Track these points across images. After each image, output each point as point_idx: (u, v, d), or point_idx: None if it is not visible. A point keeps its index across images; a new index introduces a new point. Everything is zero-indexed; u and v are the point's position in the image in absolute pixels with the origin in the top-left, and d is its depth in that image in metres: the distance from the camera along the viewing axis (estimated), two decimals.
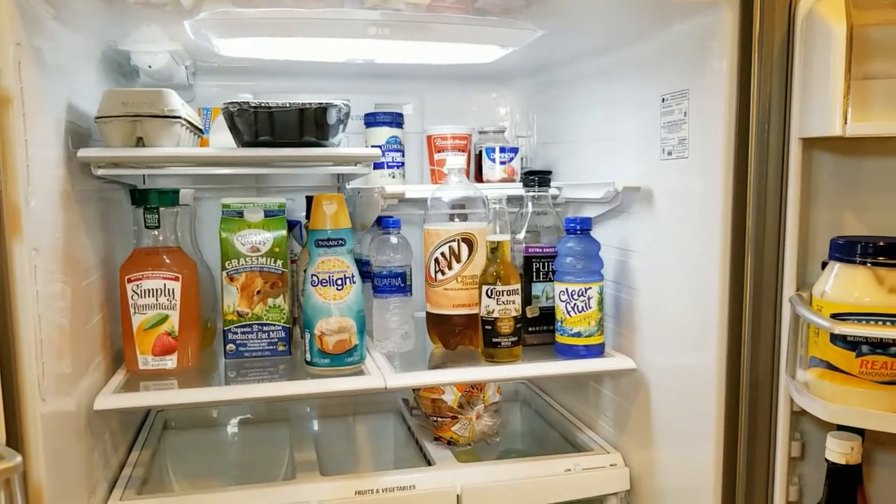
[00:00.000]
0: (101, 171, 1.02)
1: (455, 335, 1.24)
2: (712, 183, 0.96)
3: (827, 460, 0.84)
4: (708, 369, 0.99)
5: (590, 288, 1.16)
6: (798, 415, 0.93)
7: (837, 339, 0.80)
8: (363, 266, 1.36)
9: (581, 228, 1.17)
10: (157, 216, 1.11)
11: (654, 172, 1.11)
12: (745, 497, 0.97)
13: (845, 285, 0.81)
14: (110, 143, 0.99)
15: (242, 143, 1.05)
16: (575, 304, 1.17)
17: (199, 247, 1.32)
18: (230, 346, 1.19)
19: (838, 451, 0.82)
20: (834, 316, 0.80)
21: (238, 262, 1.18)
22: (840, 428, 0.86)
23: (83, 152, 0.97)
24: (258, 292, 1.19)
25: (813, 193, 0.91)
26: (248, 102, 1.02)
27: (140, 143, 1.00)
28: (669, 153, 1.06)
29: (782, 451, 0.92)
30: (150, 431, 1.34)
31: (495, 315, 1.15)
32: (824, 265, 0.87)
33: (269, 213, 1.20)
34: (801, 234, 0.90)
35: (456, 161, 1.23)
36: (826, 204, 0.91)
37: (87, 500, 1.00)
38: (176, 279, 1.11)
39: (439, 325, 1.24)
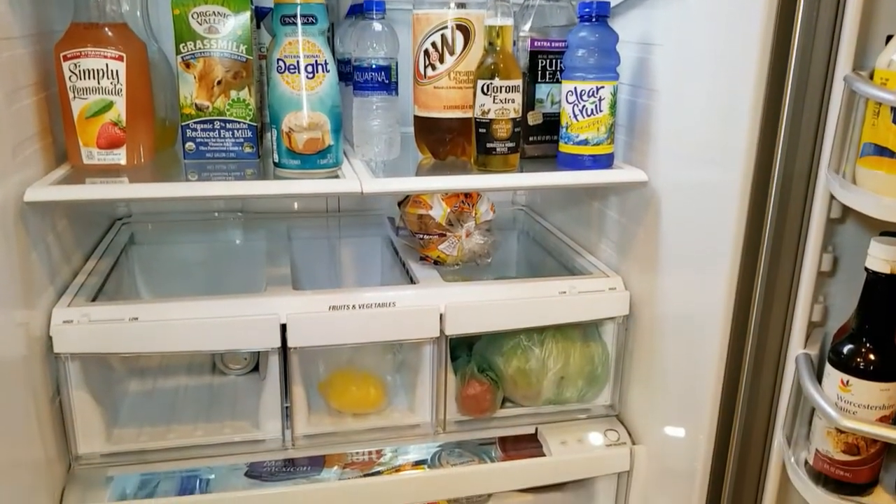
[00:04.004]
0: None
1: (446, 143, 1.09)
2: None
3: (867, 269, 0.72)
4: (731, 181, 0.84)
5: (602, 87, 1.00)
6: (834, 223, 0.80)
7: None
8: (345, 67, 1.20)
9: (597, 14, 0.99)
10: None
11: None
12: (760, 318, 0.87)
13: None
14: None
15: None
16: (584, 105, 1.01)
17: (158, 35, 1.14)
18: (189, 145, 1.05)
19: (882, 257, 0.70)
20: None
21: (194, 46, 1.01)
22: (885, 235, 0.74)
23: None
24: (219, 83, 1.03)
25: None
26: None
27: None
28: None
29: (811, 263, 0.80)
30: (112, 243, 1.24)
31: (491, 116, 1.00)
32: (889, 39, 0.71)
33: None
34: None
35: None
36: None
37: (26, 305, 0.90)
38: (120, 59, 0.95)
39: (428, 132, 1.10)
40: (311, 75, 0.96)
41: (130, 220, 1.35)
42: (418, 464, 1.13)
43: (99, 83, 0.96)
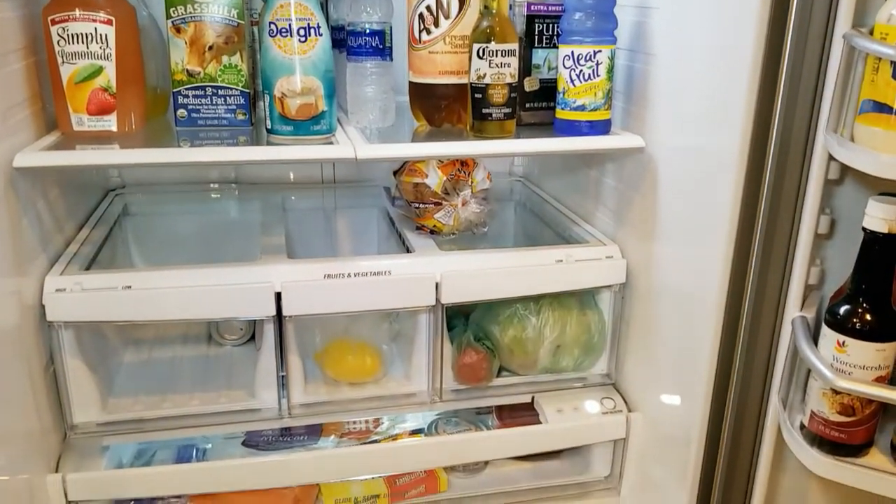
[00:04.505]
0: None
1: (441, 110, 1.08)
2: None
3: (864, 229, 0.71)
4: (729, 144, 0.83)
5: (600, 51, 0.99)
6: (832, 184, 0.79)
7: None
8: (338, 33, 1.18)
9: None
10: None
11: None
12: (756, 282, 0.86)
13: None
14: None
15: None
16: (581, 70, 1.00)
17: (148, 1, 1.12)
18: (181, 112, 1.03)
19: (880, 216, 0.69)
20: None
21: (185, 10, 0.99)
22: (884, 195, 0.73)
23: None
24: (210, 48, 1.01)
25: None
26: None
27: None
28: None
29: (808, 225, 0.79)
30: (105, 214, 1.23)
31: (487, 81, 0.98)
32: None
33: None
34: None
35: None
36: None
37: (18, 273, 0.89)
38: (109, 23, 0.94)
39: (423, 98, 1.08)
40: (303, 39, 0.94)
41: (124, 192, 1.34)
42: (415, 433, 1.13)
43: (88, 48, 0.94)
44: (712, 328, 0.90)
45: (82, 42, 0.94)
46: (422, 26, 1.03)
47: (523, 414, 1.14)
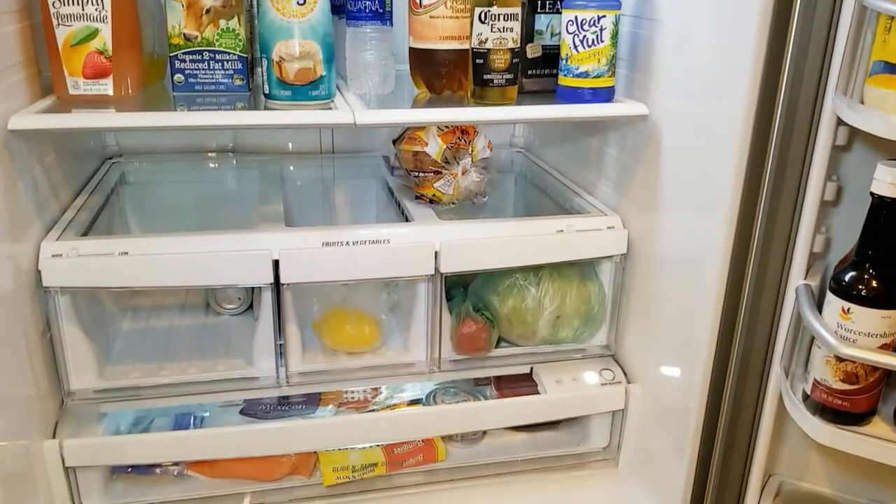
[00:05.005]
0: None
1: (441, 76, 1.06)
2: None
3: (872, 194, 0.70)
4: (735, 110, 0.82)
5: (604, 16, 0.97)
6: (839, 151, 0.78)
7: None
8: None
9: None
10: None
11: None
12: (760, 251, 0.85)
13: None
14: None
15: None
16: (584, 36, 0.98)
17: None
18: (178, 77, 1.02)
19: (889, 181, 0.68)
20: None
21: None
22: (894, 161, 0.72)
23: None
24: (207, 11, 0.99)
25: None
26: None
27: None
28: None
29: (814, 191, 0.78)
30: (102, 182, 1.21)
31: (488, 45, 0.97)
32: None
33: None
34: None
35: None
36: None
37: (13, 238, 0.88)
38: None
39: (424, 65, 1.06)
40: (302, 1, 0.92)
41: (121, 160, 1.33)
42: (413, 402, 1.13)
43: (83, 10, 0.92)
44: (714, 298, 0.90)
45: (78, 4, 0.92)
46: None
47: (522, 385, 1.14)
